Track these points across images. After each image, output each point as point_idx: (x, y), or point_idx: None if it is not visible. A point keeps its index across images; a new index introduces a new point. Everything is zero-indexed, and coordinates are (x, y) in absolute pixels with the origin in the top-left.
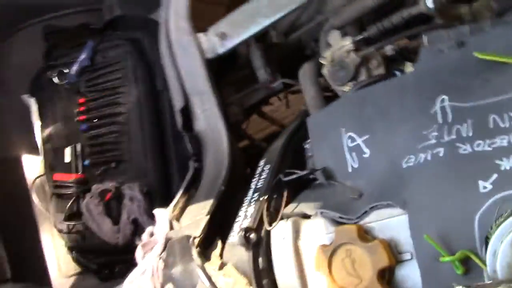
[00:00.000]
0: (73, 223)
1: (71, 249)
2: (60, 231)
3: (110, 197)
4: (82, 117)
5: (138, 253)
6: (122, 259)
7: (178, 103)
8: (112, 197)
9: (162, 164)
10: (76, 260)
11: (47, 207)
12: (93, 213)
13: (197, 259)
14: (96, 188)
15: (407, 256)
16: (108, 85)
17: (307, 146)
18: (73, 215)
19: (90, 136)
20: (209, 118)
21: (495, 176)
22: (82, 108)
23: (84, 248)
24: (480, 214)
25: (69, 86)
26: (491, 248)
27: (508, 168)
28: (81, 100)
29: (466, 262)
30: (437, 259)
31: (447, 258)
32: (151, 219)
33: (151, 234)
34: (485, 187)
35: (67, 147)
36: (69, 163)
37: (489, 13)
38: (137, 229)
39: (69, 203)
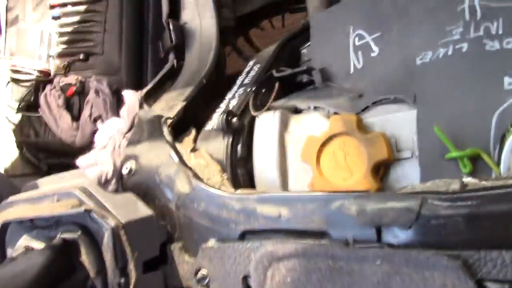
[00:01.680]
0: (27, 114)
1: (20, 145)
2: (10, 121)
3: (73, 91)
4: (56, 3)
5: (98, 135)
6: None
7: None
8: (75, 92)
9: (136, 62)
10: (25, 159)
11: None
12: (52, 106)
13: (168, 136)
14: (58, 80)
15: (407, 154)
16: None
17: (304, 51)
18: (29, 106)
19: (61, 24)
20: (200, 9)
21: None
22: None
23: (36, 145)
24: (501, 111)
25: None
26: (509, 144)
27: None
28: None
29: (474, 163)
30: (442, 157)
31: (455, 154)
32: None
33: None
34: (510, 83)
35: (33, 32)
36: (34, 49)
37: None
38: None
39: (26, 92)
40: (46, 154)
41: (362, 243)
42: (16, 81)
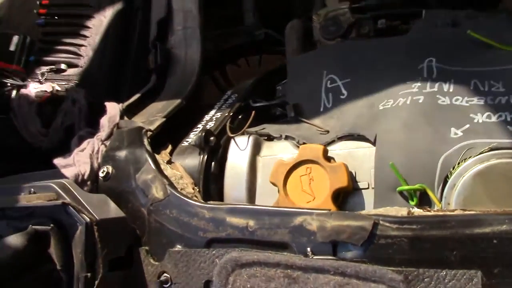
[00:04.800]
0: None
1: None
2: None
3: (46, 99)
4: (43, 10)
5: (74, 141)
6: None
7: (158, 15)
8: (50, 100)
9: (116, 78)
10: None
11: None
12: (23, 109)
13: (147, 146)
14: (34, 86)
15: (364, 185)
16: None
17: (279, 87)
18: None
19: (45, 32)
20: (187, 37)
21: (467, 126)
22: (45, 1)
23: (1, 146)
24: (446, 155)
25: None
26: (450, 182)
27: (480, 121)
28: None
29: (420, 197)
30: (393, 190)
31: (405, 187)
32: (90, 127)
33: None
34: (456, 133)
35: (16, 35)
36: (13, 52)
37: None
38: (67, 140)
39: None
40: (7, 157)
41: (319, 256)
42: None
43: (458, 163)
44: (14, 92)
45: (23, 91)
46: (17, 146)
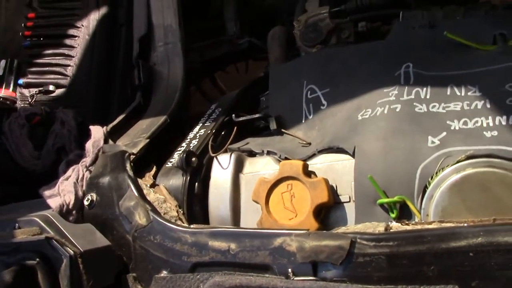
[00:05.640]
0: None
1: None
2: None
3: (37, 121)
4: (28, 33)
5: (62, 167)
6: (33, 193)
7: (139, 32)
8: (40, 122)
9: (103, 97)
10: None
11: None
12: (15, 133)
13: (129, 171)
14: (24, 109)
15: (345, 198)
16: (65, 5)
17: (262, 98)
18: None
19: (31, 54)
20: (169, 53)
21: (444, 133)
22: (30, 24)
23: None
24: (424, 165)
25: None
26: (428, 193)
27: (457, 128)
28: (31, 15)
29: (401, 209)
30: (374, 202)
31: (385, 200)
32: (79, 149)
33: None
34: (433, 142)
35: (2, 59)
36: (2, 76)
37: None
38: (58, 162)
39: None
40: (4, 181)
41: (300, 277)
42: None
43: (436, 173)
44: (4, 117)
45: (14, 115)
46: (11, 170)
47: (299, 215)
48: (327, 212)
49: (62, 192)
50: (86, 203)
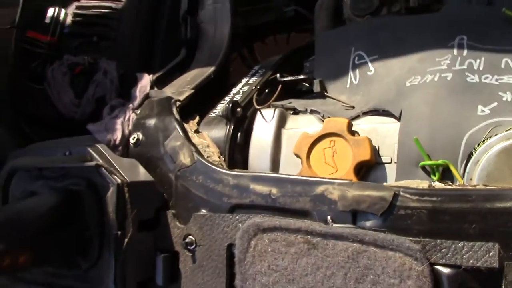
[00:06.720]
0: (31, 85)
1: (18, 114)
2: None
3: (80, 70)
4: None
5: (106, 110)
6: None
7: None
8: (82, 71)
9: (147, 50)
10: (19, 129)
11: None
12: (57, 80)
13: (176, 115)
14: (68, 58)
15: (387, 159)
16: None
17: (306, 64)
18: (33, 78)
19: (78, 6)
20: (217, 12)
21: (495, 104)
22: None
23: (35, 115)
24: (471, 132)
25: None
26: (474, 157)
27: (509, 100)
28: None
29: (443, 173)
30: (416, 165)
31: (428, 162)
32: (120, 98)
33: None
34: (483, 111)
35: (51, 8)
36: (48, 24)
37: None
38: (98, 111)
39: (36, 63)
40: (42, 127)
41: (339, 224)
42: (24, 51)
43: (483, 140)
44: (48, 64)
45: (57, 62)
46: (51, 116)
47: (339, 170)
48: (367, 171)
49: (110, 129)
50: (132, 141)
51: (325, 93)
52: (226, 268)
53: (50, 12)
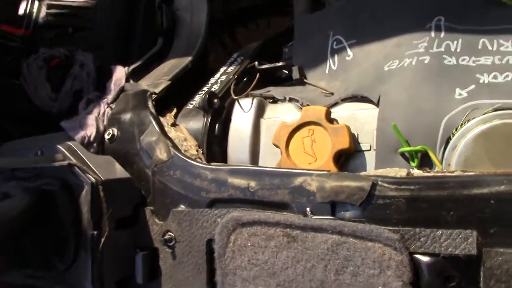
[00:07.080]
0: (7, 80)
1: None
2: None
3: (56, 63)
4: None
5: (82, 104)
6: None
7: None
8: (59, 64)
9: (124, 42)
10: None
11: None
12: (33, 74)
13: (152, 108)
14: (43, 51)
15: (366, 147)
16: None
17: (285, 49)
18: (9, 73)
19: None
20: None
21: (472, 86)
22: None
23: (12, 111)
24: (449, 116)
25: None
26: (452, 142)
27: (486, 82)
28: None
29: (422, 159)
30: (395, 151)
31: (407, 149)
32: (98, 91)
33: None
34: (460, 94)
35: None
36: (22, 17)
37: None
38: (75, 105)
39: (10, 57)
40: (21, 123)
41: (318, 216)
42: (0, 46)
43: (461, 124)
44: (23, 58)
45: (32, 56)
46: (28, 111)
47: (318, 159)
48: (347, 159)
49: (84, 125)
50: (107, 137)
51: (304, 80)
52: (206, 263)
53: (24, 4)
